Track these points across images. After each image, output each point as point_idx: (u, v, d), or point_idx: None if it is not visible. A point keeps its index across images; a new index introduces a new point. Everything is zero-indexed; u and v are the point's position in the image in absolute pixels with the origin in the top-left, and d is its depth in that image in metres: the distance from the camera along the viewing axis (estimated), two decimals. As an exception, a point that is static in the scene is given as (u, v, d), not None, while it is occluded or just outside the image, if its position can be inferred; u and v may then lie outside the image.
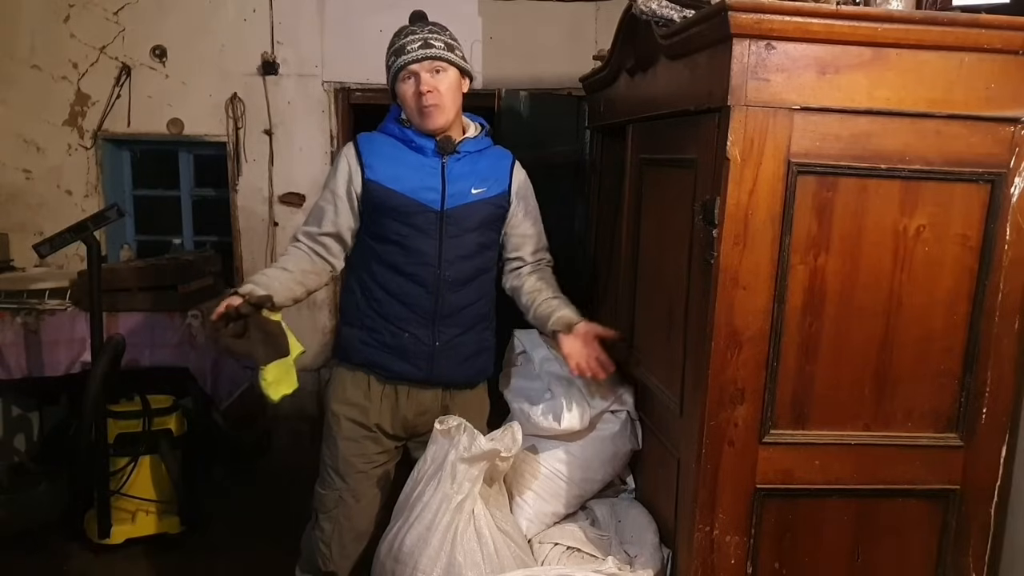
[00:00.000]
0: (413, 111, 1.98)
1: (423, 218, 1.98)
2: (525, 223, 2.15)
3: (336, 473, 2.07)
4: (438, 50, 1.95)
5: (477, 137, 2.09)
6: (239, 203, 4.02)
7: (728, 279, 1.53)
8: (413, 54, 1.93)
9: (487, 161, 2.08)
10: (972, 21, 1.47)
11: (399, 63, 1.95)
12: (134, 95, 3.90)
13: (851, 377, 1.62)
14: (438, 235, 1.99)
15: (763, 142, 1.49)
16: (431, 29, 1.98)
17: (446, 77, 1.96)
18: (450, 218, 1.99)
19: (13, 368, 3.14)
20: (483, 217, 2.04)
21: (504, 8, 3.99)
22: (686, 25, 1.62)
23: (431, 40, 1.95)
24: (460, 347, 2.06)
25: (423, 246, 1.98)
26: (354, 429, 2.05)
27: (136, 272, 3.24)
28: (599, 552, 1.87)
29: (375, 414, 2.06)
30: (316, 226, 2.05)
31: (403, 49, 1.95)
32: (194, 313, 3.21)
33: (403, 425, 2.09)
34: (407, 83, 1.96)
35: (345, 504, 2.06)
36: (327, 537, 2.08)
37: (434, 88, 1.94)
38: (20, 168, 3.91)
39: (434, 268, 1.99)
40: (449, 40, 1.99)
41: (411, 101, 1.96)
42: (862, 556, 1.70)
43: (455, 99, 2.00)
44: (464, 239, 2.01)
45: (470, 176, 2.02)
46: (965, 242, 1.58)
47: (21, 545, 2.97)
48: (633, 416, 2.05)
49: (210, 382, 3.25)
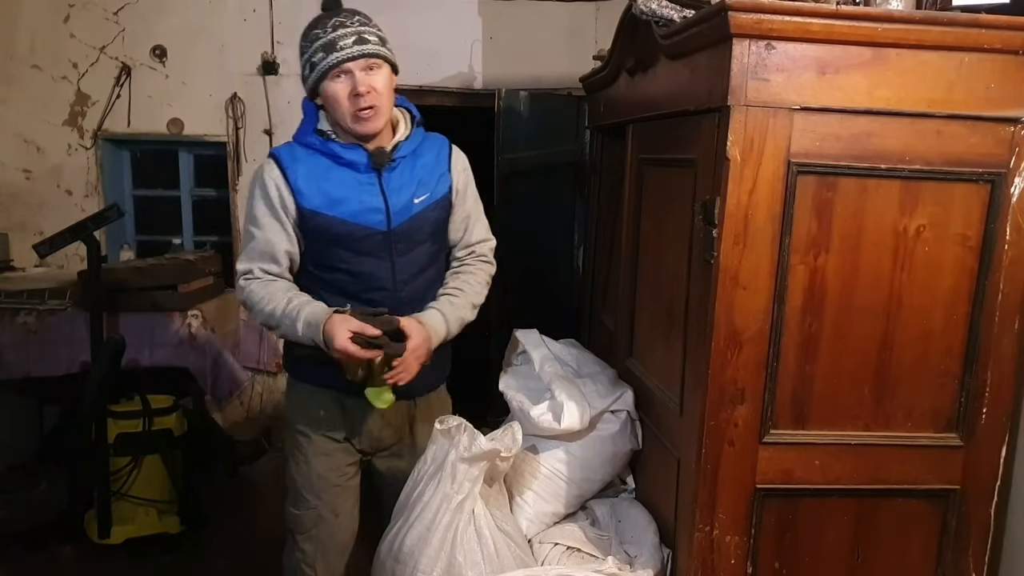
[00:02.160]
0: (346, 115, 1.77)
1: (370, 242, 1.82)
2: (458, 215, 1.96)
3: (310, 491, 1.96)
4: (374, 46, 1.76)
5: (410, 135, 1.89)
6: (239, 203, 4.01)
7: (728, 279, 1.53)
8: (348, 51, 1.73)
9: (424, 159, 1.90)
10: (972, 21, 1.47)
11: (331, 60, 1.73)
12: (134, 95, 3.90)
13: (851, 377, 1.62)
14: (388, 256, 1.84)
15: (763, 142, 1.49)
16: (360, 21, 1.79)
17: (381, 75, 1.77)
18: (398, 236, 1.84)
19: (13, 368, 3.14)
20: (432, 225, 1.90)
21: (504, 8, 3.99)
22: (686, 25, 1.62)
23: (365, 35, 1.76)
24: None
25: (373, 270, 1.84)
26: (325, 443, 1.94)
27: (136, 272, 3.24)
28: (599, 552, 1.87)
29: (343, 428, 1.95)
30: (272, 264, 1.83)
31: (334, 44, 1.73)
32: (194, 313, 3.22)
33: (369, 440, 1.98)
34: (338, 83, 1.75)
35: (325, 521, 1.97)
36: (310, 558, 1.99)
37: (371, 88, 1.74)
38: (20, 168, 3.91)
39: (389, 291, 1.85)
40: (380, 33, 1.81)
41: (345, 104, 1.75)
42: (862, 556, 1.70)
43: (390, 98, 1.81)
44: (415, 253, 1.88)
45: (410, 184, 1.86)
46: (965, 242, 1.58)
47: (21, 545, 2.97)
48: (633, 416, 2.05)
49: (210, 382, 3.25)
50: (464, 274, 1.97)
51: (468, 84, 4.05)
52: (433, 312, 1.86)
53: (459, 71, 4.02)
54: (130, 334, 3.04)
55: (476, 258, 2.00)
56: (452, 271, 1.99)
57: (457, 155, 1.98)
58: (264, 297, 1.80)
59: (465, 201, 1.97)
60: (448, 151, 1.96)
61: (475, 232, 2.00)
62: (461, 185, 1.96)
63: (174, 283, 3.25)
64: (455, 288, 1.93)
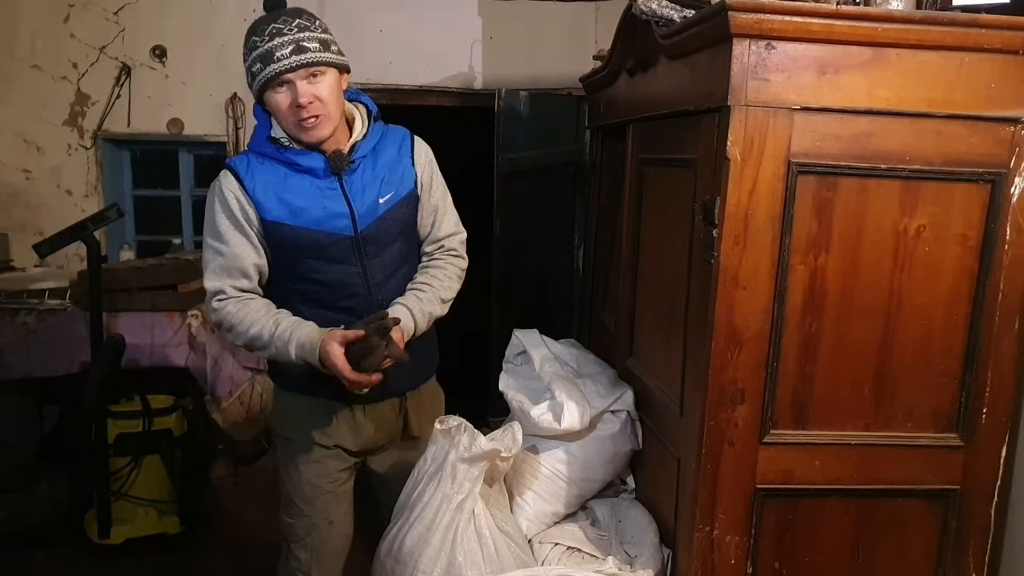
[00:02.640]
0: (291, 125, 1.71)
1: (338, 248, 1.77)
2: (425, 209, 1.90)
3: (302, 500, 1.93)
4: (314, 53, 1.67)
5: (367, 133, 1.82)
6: (239, 203, 4.01)
7: (728, 279, 1.53)
8: (285, 62, 1.65)
9: (385, 156, 1.83)
10: (972, 21, 1.47)
11: (268, 73, 1.67)
12: (134, 95, 3.90)
13: (851, 377, 1.62)
14: (358, 261, 1.79)
15: (763, 142, 1.49)
16: (300, 25, 1.69)
17: (325, 81, 1.69)
18: (366, 239, 1.78)
19: (13, 368, 3.14)
20: (399, 225, 1.84)
21: (504, 8, 3.99)
22: (686, 25, 1.62)
23: (304, 42, 1.67)
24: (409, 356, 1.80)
25: (345, 277, 1.79)
26: (315, 450, 1.90)
27: (136, 272, 3.24)
28: (599, 552, 1.87)
29: (335, 435, 1.90)
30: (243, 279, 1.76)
31: (270, 56, 1.66)
32: (194, 313, 3.21)
33: (365, 442, 1.94)
34: (280, 93, 1.69)
35: (318, 529, 1.94)
36: (306, 567, 1.96)
37: (313, 98, 1.67)
38: (20, 168, 3.91)
39: (363, 296, 1.81)
40: (322, 35, 1.71)
41: (287, 114, 1.69)
42: (862, 556, 1.70)
43: (338, 103, 1.74)
44: (386, 255, 1.83)
45: (373, 184, 1.79)
46: (965, 242, 1.58)
47: (21, 545, 2.97)
48: (633, 416, 2.05)
49: (210, 382, 3.25)
50: (432, 268, 1.92)
51: (468, 84, 4.05)
52: (397, 307, 1.80)
53: (459, 71, 4.02)
54: (130, 334, 3.03)
55: (445, 252, 1.94)
56: (421, 266, 1.93)
57: (420, 146, 1.90)
58: (244, 320, 1.73)
59: (432, 194, 1.90)
60: (410, 143, 1.89)
61: (443, 226, 1.93)
62: (426, 178, 1.89)
63: (174, 283, 3.25)
64: (422, 283, 1.88)
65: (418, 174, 1.88)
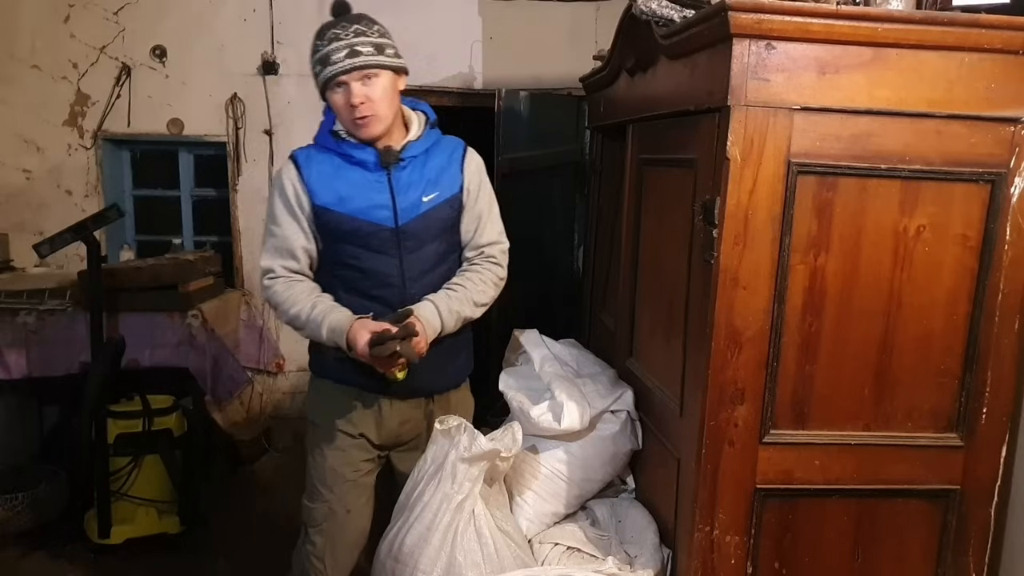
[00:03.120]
0: (347, 122, 1.85)
1: (378, 239, 1.87)
2: (469, 215, 1.98)
3: (323, 485, 1.99)
4: (366, 57, 1.80)
5: (421, 136, 1.94)
6: (239, 203, 4.02)
7: (728, 279, 1.53)
8: (340, 64, 1.79)
9: (436, 160, 1.94)
10: (972, 21, 1.47)
11: (326, 74, 1.81)
12: (134, 95, 3.90)
13: (851, 377, 1.62)
14: (397, 254, 1.88)
15: (763, 142, 1.49)
16: (357, 31, 1.82)
17: (378, 83, 1.82)
18: (406, 233, 1.88)
19: (13, 368, 3.13)
20: (440, 224, 1.93)
21: (504, 8, 3.99)
22: (686, 25, 1.62)
23: (358, 46, 1.80)
24: (437, 356, 1.90)
25: (382, 267, 1.89)
26: (340, 438, 1.98)
27: (136, 272, 3.24)
28: (599, 552, 1.87)
29: (360, 424, 1.98)
30: (292, 260, 1.90)
31: (328, 59, 1.80)
32: (194, 313, 3.21)
33: (388, 435, 2.01)
34: (336, 93, 1.82)
35: (335, 515, 1.99)
36: (319, 551, 2.01)
37: (366, 99, 1.80)
38: (20, 168, 3.91)
39: (399, 288, 1.89)
40: (378, 39, 1.84)
41: (344, 113, 1.83)
42: (862, 556, 1.70)
43: (391, 104, 1.86)
44: (424, 252, 1.91)
45: (419, 183, 1.90)
46: (965, 242, 1.58)
47: (21, 545, 2.97)
48: (633, 416, 2.05)
49: (210, 382, 3.25)
50: (470, 272, 1.98)
51: (468, 84, 4.05)
52: (425, 303, 1.87)
53: (459, 71, 4.03)
54: (130, 334, 3.03)
55: (485, 258, 2.01)
56: (460, 270, 2.00)
57: (471, 156, 2.01)
58: (288, 299, 1.88)
59: (477, 202, 1.99)
60: (462, 151, 1.99)
61: (486, 233, 2.01)
62: (473, 186, 1.98)
63: (174, 283, 3.25)
64: (456, 283, 1.94)
65: (465, 180, 1.97)
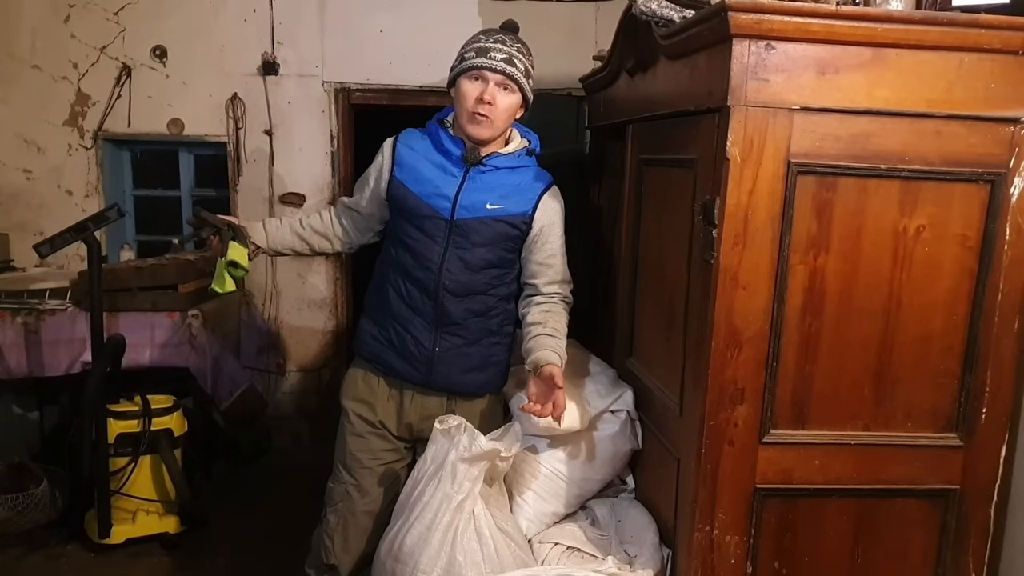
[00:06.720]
0: (464, 112, 1.95)
1: (432, 224, 1.98)
2: (542, 252, 2.05)
3: (344, 467, 2.11)
4: (517, 71, 1.94)
5: (514, 154, 2.04)
6: (239, 203, 4.01)
7: (728, 279, 1.54)
8: (494, 61, 1.91)
9: (518, 179, 2.03)
10: (972, 21, 1.47)
11: (476, 63, 1.92)
12: (134, 95, 3.89)
13: (851, 377, 1.62)
14: (444, 243, 1.98)
15: (763, 142, 1.49)
16: (519, 49, 1.97)
17: (509, 97, 1.95)
18: (459, 229, 1.97)
19: (13, 368, 3.13)
20: (495, 234, 1.99)
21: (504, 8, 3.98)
22: (686, 25, 1.62)
23: (514, 59, 1.94)
24: (463, 357, 2.03)
25: (428, 251, 1.99)
26: (361, 425, 2.09)
27: (136, 272, 3.24)
28: (599, 552, 1.87)
29: (381, 412, 2.09)
30: (350, 196, 2.18)
31: (486, 51, 1.93)
32: (194, 313, 3.21)
33: (407, 428, 2.10)
34: (472, 82, 1.94)
35: (350, 498, 2.09)
36: (331, 529, 2.11)
37: (494, 101, 1.92)
38: (20, 168, 3.91)
39: (434, 275, 1.98)
40: (528, 66, 1.99)
41: (468, 102, 1.93)
42: (862, 556, 1.70)
43: (507, 120, 1.98)
44: (471, 252, 1.99)
45: (491, 191, 1.99)
46: (965, 242, 1.58)
47: (21, 545, 2.97)
48: (633, 416, 2.05)
49: (210, 382, 3.25)
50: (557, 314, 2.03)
51: (468, 84, 4.04)
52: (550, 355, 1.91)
53: (459, 71, 4.01)
54: (130, 334, 3.03)
55: (562, 300, 2.08)
56: (543, 303, 2.04)
57: (552, 195, 2.06)
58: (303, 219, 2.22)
59: (551, 239, 2.05)
60: (545, 187, 2.06)
61: (564, 272, 2.09)
62: (547, 220, 2.04)
63: (174, 283, 3.24)
64: (555, 329, 1.99)
65: (537, 213, 2.03)
